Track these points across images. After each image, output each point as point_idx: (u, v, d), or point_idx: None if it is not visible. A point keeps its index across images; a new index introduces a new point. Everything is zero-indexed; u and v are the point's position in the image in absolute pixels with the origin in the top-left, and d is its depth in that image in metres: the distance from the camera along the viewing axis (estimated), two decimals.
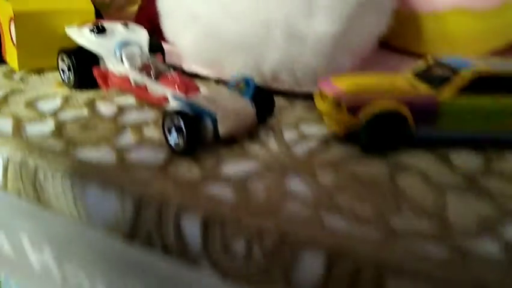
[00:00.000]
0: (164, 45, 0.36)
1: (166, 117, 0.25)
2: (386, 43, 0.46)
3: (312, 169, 0.24)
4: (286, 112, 0.31)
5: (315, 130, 0.29)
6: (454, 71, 0.26)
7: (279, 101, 0.32)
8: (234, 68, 0.33)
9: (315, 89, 0.29)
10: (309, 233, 0.19)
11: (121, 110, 0.30)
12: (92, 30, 0.31)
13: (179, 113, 0.24)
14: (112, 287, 0.24)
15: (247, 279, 0.20)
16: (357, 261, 0.18)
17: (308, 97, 0.32)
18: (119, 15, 0.52)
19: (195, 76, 0.36)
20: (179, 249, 0.21)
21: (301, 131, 0.28)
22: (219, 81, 0.35)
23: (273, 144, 0.27)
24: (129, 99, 0.31)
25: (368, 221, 0.20)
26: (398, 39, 0.46)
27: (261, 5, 0.30)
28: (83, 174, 0.23)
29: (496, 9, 0.40)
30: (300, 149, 0.26)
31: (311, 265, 0.19)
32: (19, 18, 0.32)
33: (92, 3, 0.49)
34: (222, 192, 0.21)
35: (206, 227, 0.20)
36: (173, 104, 0.26)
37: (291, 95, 0.34)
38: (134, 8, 0.50)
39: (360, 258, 0.18)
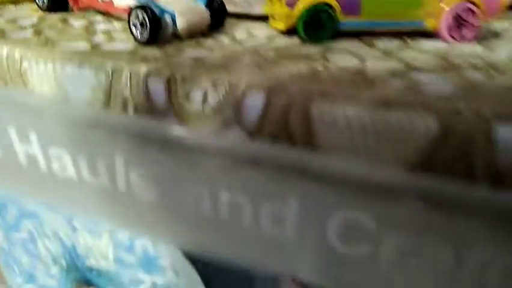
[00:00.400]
0: None
1: (132, 13, 0.29)
2: None
3: (259, 53, 0.29)
4: (239, 22, 0.36)
5: (262, 32, 0.33)
6: None
7: (232, 20, 0.37)
8: None
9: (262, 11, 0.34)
10: (251, 79, 0.24)
11: (91, 23, 0.34)
12: None
13: (143, 8, 0.29)
14: (93, 159, 0.29)
15: (203, 121, 0.24)
16: (289, 95, 0.23)
17: (259, 18, 0.36)
18: None
19: None
20: (148, 107, 0.25)
21: (250, 32, 0.33)
22: None
23: (225, 40, 0.31)
24: (97, 16, 0.35)
25: (300, 74, 0.25)
26: None
27: None
28: (62, 59, 0.27)
29: None
30: (249, 43, 0.31)
31: (254, 102, 0.24)
32: None
33: None
34: (182, 60, 0.26)
35: (169, 85, 0.25)
36: (138, 3, 0.30)
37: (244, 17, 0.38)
38: None
39: (292, 92, 0.23)
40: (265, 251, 0.27)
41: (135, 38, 0.29)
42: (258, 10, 0.37)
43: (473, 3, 0.31)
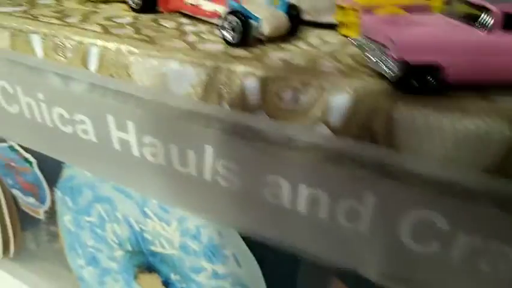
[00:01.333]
0: None
1: (225, 17, 0.32)
2: None
3: (336, 58, 0.31)
4: (307, 32, 0.38)
5: (333, 38, 0.36)
6: None
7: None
8: None
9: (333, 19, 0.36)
10: (337, 81, 0.26)
11: (180, 24, 0.37)
12: None
13: (235, 13, 0.32)
14: (184, 150, 0.32)
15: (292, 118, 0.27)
16: (374, 99, 0.25)
17: (327, 26, 0.39)
18: None
19: None
20: (242, 103, 0.28)
21: (322, 39, 0.36)
22: None
23: (302, 45, 0.34)
24: (183, 19, 0.38)
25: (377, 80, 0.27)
26: None
27: None
28: (165, 56, 0.30)
29: None
30: (325, 48, 0.33)
31: (340, 103, 0.26)
32: None
33: None
34: (272, 62, 0.29)
35: (263, 84, 0.27)
36: (231, 8, 0.33)
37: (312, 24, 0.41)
38: None
39: (376, 97, 0.25)
40: (338, 245, 0.29)
41: (226, 40, 0.32)
42: (325, 19, 0.40)
43: None
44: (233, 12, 0.32)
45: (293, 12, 0.35)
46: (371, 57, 0.26)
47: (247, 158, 0.29)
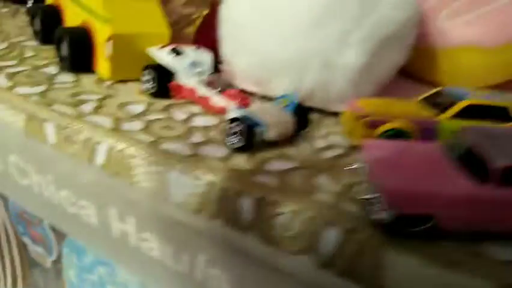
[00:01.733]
0: (220, 65, 0.44)
1: (231, 124, 0.33)
2: (407, 72, 0.54)
3: (337, 170, 0.31)
4: (318, 125, 0.39)
5: (340, 140, 0.36)
6: (452, 100, 0.34)
7: (313, 115, 0.40)
8: (278, 88, 0.41)
9: (343, 108, 0.37)
10: (329, 215, 0.27)
11: (191, 116, 0.38)
12: (171, 52, 0.40)
13: (240, 120, 0.33)
14: (178, 250, 0.32)
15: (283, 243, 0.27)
16: (362, 239, 0.25)
17: (337, 114, 0.39)
18: (178, 35, 0.61)
19: (244, 92, 0.44)
20: (235, 221, 0.29)
21: (329, 141, 0.36)
22: (265, 97, 0.43)
23: (306, 150, 0.34)
24: (195, 108, 0.39)
25: None
26: (416, 70, 0.53)
27: (304, 36, 0.38)
28: (165, 164, 0.31)
29: (502, 46, 0.47)
30: (328, 155, 0.34)
31: (330, 237, 0.26)
32: (116, 39, 0.41)
33: None
34: (269, 182, 0.29)
35: (257, 206, 0.28)
36: (234, 114, 0.34)
37: (323, 111, 0.41)
38: (191, 30, 0.59)
39: (364, 238, 0.25)
40: None
41: (229, 145, 0.33)
42: (336, 108, 0.40)
43: None
44: (237, 119, 0.33)
45: (301, 112, 0.36)
46: (366, 195, 0.26)
47: (236, 270, 0.30)
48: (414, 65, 0.53)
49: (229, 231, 0.29)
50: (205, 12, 0.54)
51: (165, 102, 0.40)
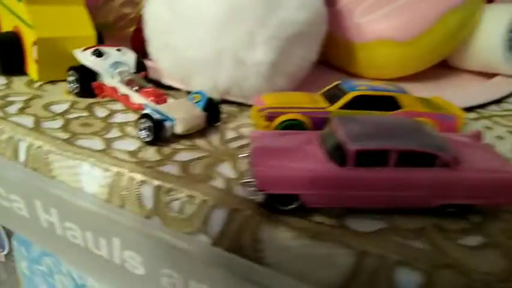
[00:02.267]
0: (150, 63, 0.47)
1: (140, 119, 0.36)
2: (333, 65, 0.58)
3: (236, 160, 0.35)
4: (234, 118, 0.42)
5: (248, 132, 0.40)
6: (344, 92, 0.37)
7: (234, 108, 0.43)
8: (198, 85, 0.44)
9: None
10: (218, 197, 0.30)
11: (112, 113, 0.41)
12: (93, 54, 0.43)
13: (148, 116, 0.36)
14: (96, 236, 0.36)
15: (180, 226, 0.31)
16: (245, 216, 0.29)
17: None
18: (119, 34, 0.64)
19: (172, 88, 0.47)
20: (139, 208, 0.32)
21: (239, 132, 0.40)
22: (189, 92, 0.46)
23: (215, 141, 0.38)
24: (118, 105, 0.42)
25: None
26: (338, 62, 0.57)
27: (215, 37, 0.41)
28: (80, 158, 0.34)
29: (413, 39, 0.51)
30: (236, 145, 0.37)
31: (218, 218, 0.30)
32: (42, 43, 0.44)
33: (98, 24, 0.61)
34: (170, 170, 0.33)
35: (156, 193, 0.31)
36: (145, 110, 0.37)
37: (245, 105, 0.45)
38: (131, 30, 0.61)
39: (247, 215, 0.29)
40: None
41: (142, 139, 0.36)
42: (251, 101, 0.44)
43: None
44: (146, 115, 0.36)
45: (212, 106, 0.39)
46: (246, 179, 0.30)
47: (145, 250, 0.33)
48: (337, 58, 0.57)
49: (137, 217, 0.32)
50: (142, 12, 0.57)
51: (90, 101, 0.43)
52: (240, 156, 0.34)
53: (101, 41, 0.50)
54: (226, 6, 0.40)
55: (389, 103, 0.37)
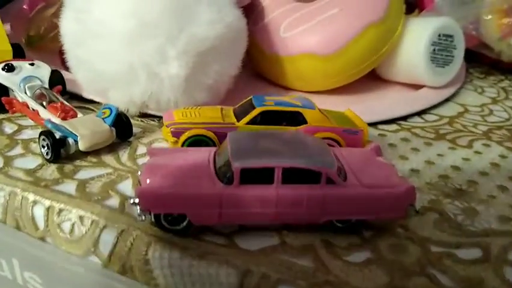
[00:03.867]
0: (71, 76, 0.46)
1: (40, 137, 0.35)
2: (265, 77, 0.58)
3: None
4: (149, 133, 0.42)
5: (160, 146, 0.39)
6: (253, 107, 0.37)
7: (151, 124, 0.43)
8: (115, 99, 0.43)
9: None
10: (110, 217, 0.30)
11: (20, 129, 0.40)
12: (3, 68, 0.42)
13: (48, 134, 0.35)
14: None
15: (71, 247, 0.30)
16: (134, 237, 0.29)
17: None
18: (51, 46, 0.62)
19: (93, 102, 0.46)
20: (33, 228, 0.31)
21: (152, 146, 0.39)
22: None
23: (124, 157, 0.37)
24: (29, 121, 0.41)
25: None
26: (268, 75, 0.57)
27: (125, 51, 0.40)
28: None
29: (334, 53, 0.51)
30: (141, 161, 0.37)
31: (108, 239, 0.29)
32: None
33: (30, 36, 0.60)
34: (64, 190, 0.32)
35: (48, 213, 0.31)
36: (46, 127, 0.36)
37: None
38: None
39: (135, 235, 0.29)
40: None
41: (43, 157, 0.35)
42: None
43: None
44: (46, 132, 0.35)
45: (122, 121, 0.39)
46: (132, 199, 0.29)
47: (46, 273, 0.32)
48: (266, 71, 0.57)
49: (31, 238, 0.31)
50: None
51: (2, 116, 0.42)
52: (138, 174, 0.34)
53: (20, 55, 0.49)
54: (134, 20, 0.39)
55: (295, 118, 0.37)
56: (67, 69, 0.46)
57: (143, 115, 0.45)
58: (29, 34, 0.62)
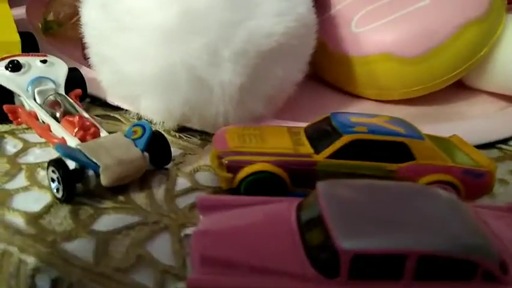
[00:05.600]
0: (93, 74, 0.36)
1: (49, 167, 0.26)
2: (326, 81, 0.47)
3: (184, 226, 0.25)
4: (191, 156, 0.32)
5: (207, 180, 0.30)
6: (336, 132, 0.27)
7: (192, 142, 0.33)
8: (146, 108, 0.34)
9: None
10: None
11: (26, 147, 0.31)
12: (7, 67, 0.32)
13: (59, 164, 0.25)
14: None
15: None
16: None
17: None
18: (72, 34, 0.53)
19: (119, 109, 0.37)
20: None
21: (194, 180, 0.29)
22: (140, 117, 0.36)
23: (160, 195, 0.28)
24: (35, 138, 0.32)
25: None
26: (331, 78, 0.47)
27: (164, 50, 0.31)
28: None
29: (422, 56, 0.41)
30: (183, 202, 0.27)
31: None
32: None
33: (48, 22, 0.50)
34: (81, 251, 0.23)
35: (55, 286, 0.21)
36: (57, 152, 0.27)
37: (208, 134, 0.34)
38: None
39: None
40: None
41: (55, 194, 0.26)
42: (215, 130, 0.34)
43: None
44: (56, 162, 0.26)
45: (159, 144, 0.29)
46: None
47: None
48: (330, 73, 0.47)
49: None
50: None
51: (2, 128, 0.33)
52: (184, 233, 0.24)
53: (33, 46, 0.39)
54: (176, 10, 0.30)
55: (397, 152, 0.27)
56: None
57: (181, 129, 0.35)
58: (46, 19, 0.52)
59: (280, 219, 0.21)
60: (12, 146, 0.31)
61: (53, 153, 0.30)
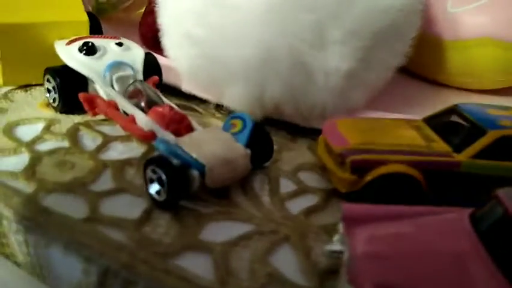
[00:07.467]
0: (165, 61, 0.33)
1: (148, 167, 0.22)
2: (405, 68, 0.43)
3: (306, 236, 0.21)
4: (287, 152, 0.28)
5: (313, 181, 0.26)
6: (475, 127, 0.23)
7: (281, 136, 0.29)
8: (233, 96, 0.30)
9: (322, 126, 0.26)
10: None
11: (106, 141, 0.27)
12: (80, 50, 0.29)
13: (162, 162, 0.22)
14: None
15: None
16: None
17: (315, 132, 0.29)
18: (126, 17, 0.49)
19: (194, 98, 0.33)
20: None
21: (299, 181, 0.26)
22: (219, 106, 0.32)
23: (266, 198, 0.24)
24: (117, 127, 0.28)
25: None
26: (418, 66, 0.42)
27: (265, 29, 0.27)
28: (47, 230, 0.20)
29: None
30: (295, 207, 0.23)
31: None
32: (4, 30, 0.30)
33: (97, 3, 0.47)
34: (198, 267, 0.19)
35: None
36: (158, 149, 0.23)
37: (295, 128, 0.31)
38: (142, 12, 0.47)
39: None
40: None
41: (150, 195, 0.22)
42: (312, 124, 0.30)
43: None
44: (158, 159, 0.22)
45: (261, 139, 0.26)
46: None
47: None
48: (418, 57, 0.42)
49: None
50: None
51: (75, 119, 0.29)
52: (326, 249, 0.20)
53: (96, 29, 0.36)
54: None
55: None
56: (153, 50, 0.33)
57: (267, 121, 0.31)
58: (98, 1, 0.48)
59: (457, 236, 0.17)
60: (90, 139, 0.27)
61: (138, 149, 0.27)
